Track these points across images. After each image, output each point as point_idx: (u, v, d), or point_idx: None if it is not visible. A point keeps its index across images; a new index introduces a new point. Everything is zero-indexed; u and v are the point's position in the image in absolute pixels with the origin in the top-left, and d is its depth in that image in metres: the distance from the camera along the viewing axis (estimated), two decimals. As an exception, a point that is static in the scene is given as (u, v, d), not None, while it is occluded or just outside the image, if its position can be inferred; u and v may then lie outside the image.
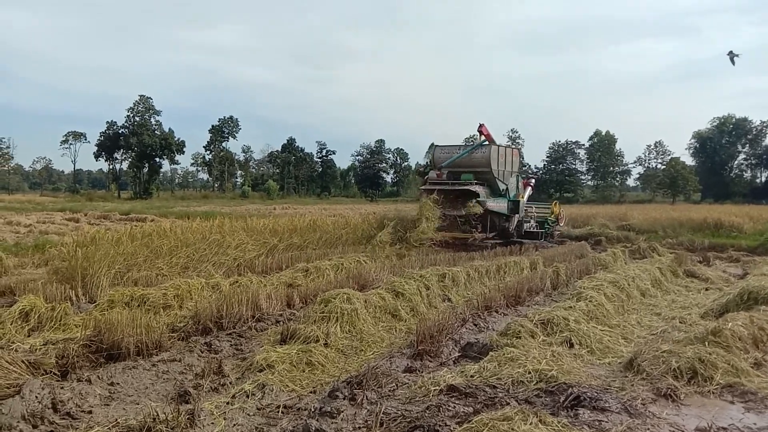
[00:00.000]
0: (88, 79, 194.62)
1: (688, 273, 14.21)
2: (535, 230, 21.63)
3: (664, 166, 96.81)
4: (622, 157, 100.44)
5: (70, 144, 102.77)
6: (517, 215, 20.54)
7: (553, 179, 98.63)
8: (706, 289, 12.55)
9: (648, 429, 4.79)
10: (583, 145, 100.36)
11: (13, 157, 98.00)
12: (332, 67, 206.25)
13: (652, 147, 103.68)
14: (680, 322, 8.95)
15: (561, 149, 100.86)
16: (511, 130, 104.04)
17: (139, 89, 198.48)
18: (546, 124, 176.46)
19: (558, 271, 12.68)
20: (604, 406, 5.04)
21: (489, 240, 19.41)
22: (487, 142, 20.03)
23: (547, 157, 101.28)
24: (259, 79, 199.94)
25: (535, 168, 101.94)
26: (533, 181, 23.71)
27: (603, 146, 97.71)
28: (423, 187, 20.48)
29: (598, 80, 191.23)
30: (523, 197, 21.20)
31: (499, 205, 19.54)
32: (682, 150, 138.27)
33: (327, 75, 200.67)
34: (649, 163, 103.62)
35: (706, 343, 6.54)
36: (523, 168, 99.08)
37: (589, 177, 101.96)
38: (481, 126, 19.98)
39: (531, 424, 4.27)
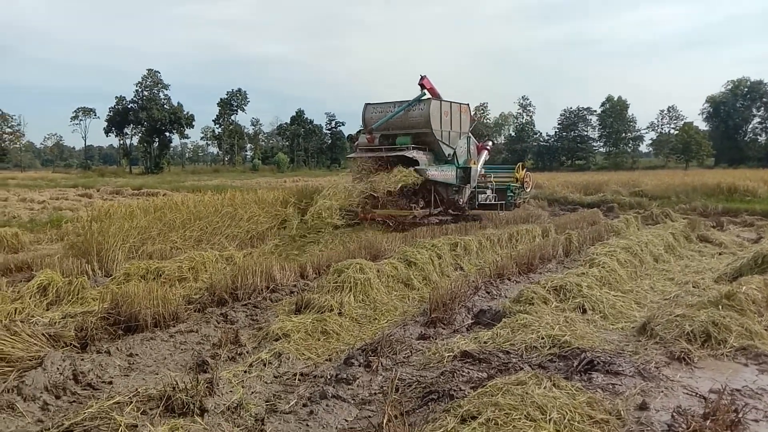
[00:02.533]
0: (96, 54, 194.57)
1: (701, 238, 14.13)
2: (493, 201, 18.17)
3: (677, 132, 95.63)
4: (635, 122, 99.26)
5: (80, 120, 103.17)
6: (468, 185, 17.13)
7: (565, 146, 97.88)
8: (720, 254, 12.49)
9: (662, 392, 4.82)
10: (595, 111, 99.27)
11: (24, 135, 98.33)
12: (342, 38, 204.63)
13: (665, 112, 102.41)
14: (693, 287, 8.93)
15: (572, 116, 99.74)
16: (522, 97, 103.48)
17: (147, 63, 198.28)
18: (558, 91, 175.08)
19: (570, 238, 12.66)
20: (617, 370, 5.07)
21: (433, 216, 16.01)
22: (426, 97, 16.21)
23: (559, 124, 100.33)
24: (267, 52, 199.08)
25: (546, 135, 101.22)
26: (490, 144, 20.13)
27: (615, 112, 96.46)
28: (350, 155, 17.10)
29: (610, 46, 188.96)
30: (476, 163, 17.72)
31: (444, 173, 16.05)
32: (695, 115, 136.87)
33: (336, 47, 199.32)
34: (662, 129, 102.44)
35: (720, 307, 6.53)
36: (531, 133, 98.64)
37: (601, 144, 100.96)
38: (422, 78, 16.16)
39: (545, 387, 4.30)
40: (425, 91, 16.12)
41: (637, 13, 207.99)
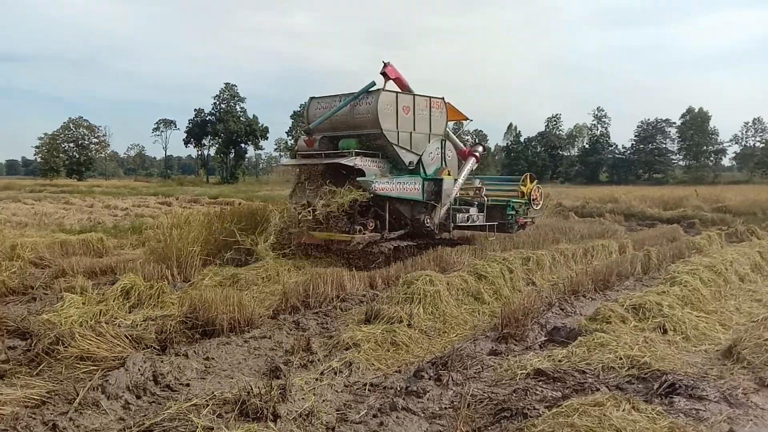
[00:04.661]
0: (176, 68, 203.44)
1: (792, 258, 13.30)
2: (478, 222, 14.31)
3: (764, 145, 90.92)
4: (717, 135, 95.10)
5: (161, 131, 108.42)
6: (440, 202, 12.96)
7: (642, 159, 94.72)
8: (813, 275, 11.73)
9: (750, 420, 4.55)
10: (674, 123, 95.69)
11: (109, 145, 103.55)
12: (407, 47, 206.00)
13: (750, 124, 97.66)
14: (784, 309, 8.43)
15: (650, 128, 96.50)
16: (597, 108, 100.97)
17: (224, 77, 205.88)
18: (634, 101, 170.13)
19: (649, 254, 12.17)
20: (701, 395, 4.82)
21: (388, 242, 12.22)
22: (377, 87, 12.28)
23: (635, 136, 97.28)
24: (338, 64, 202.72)
25: (622, 148, 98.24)
26: (480, 149, 15.54)
27: (696, 124, 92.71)
28: (284, 163, 13.70)
29: (690, 53, 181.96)
30: (451, 174, 13.53)
31: (403, 187, 12.18)
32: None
33: (402, 56, 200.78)
34: (746, 142, 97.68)
35: (815, 332, 6.13)
36: (606, 145, 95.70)
37: (681, 157, 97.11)
38: (385, 66, 12.63)
39: (624, 410, 4.14)
40: (389, 81, 12.70)
41: (720, 17, 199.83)
